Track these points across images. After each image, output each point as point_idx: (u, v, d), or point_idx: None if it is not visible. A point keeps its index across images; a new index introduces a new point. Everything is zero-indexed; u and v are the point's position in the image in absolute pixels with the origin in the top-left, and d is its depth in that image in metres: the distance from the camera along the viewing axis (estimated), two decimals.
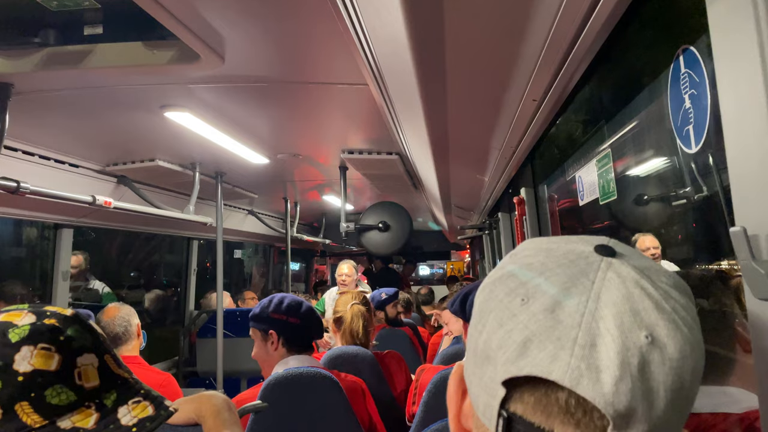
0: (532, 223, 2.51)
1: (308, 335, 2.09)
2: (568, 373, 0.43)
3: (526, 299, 0.47)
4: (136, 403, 0.87)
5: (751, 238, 0.68)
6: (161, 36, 1.71)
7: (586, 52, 1.15)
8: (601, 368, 0.43)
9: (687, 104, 0.92)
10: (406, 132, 2.27)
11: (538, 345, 0.45)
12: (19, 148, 2.56)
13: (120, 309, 2.79)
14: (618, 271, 0.48)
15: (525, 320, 0.46)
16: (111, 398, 0.85)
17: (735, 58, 0.72)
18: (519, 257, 0.53)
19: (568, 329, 0.44)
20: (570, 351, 0.43)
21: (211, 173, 3.67)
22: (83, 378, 0.83)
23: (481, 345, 0.49)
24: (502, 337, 0.47)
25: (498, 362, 0.46)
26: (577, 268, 0.49)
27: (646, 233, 1.50)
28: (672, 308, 0.47)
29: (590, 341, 0.44)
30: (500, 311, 0.48)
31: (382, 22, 1.19)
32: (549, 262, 0.50)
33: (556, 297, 0.46)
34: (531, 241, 0.56)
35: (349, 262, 5.15)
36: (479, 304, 0.52)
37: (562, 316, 0.45)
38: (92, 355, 0.86)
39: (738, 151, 0.72)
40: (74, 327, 0.86)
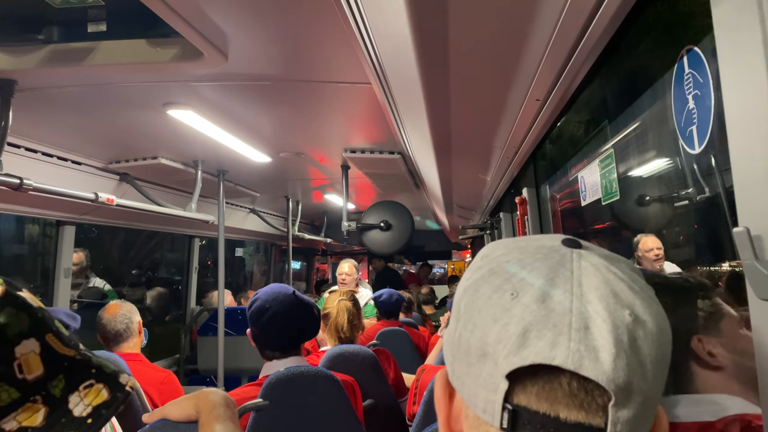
0: (533, 223, 2.51)
1: (275, 343, 1.98)
2: (569, 356, 0.45)
3: (515, 293, 0.49)
4: (88, 387, 0.77)
5: (755, 238, 0.68)
6: (164, 34, 1.70)
7: (589, 52, 1.15)
8: (598, 348, 0.45)
9: (691, 105, 0.92)
10: (409, 131, 2.27)
11: (537, 334, 0.46)
12: (23, 145, 2.57)
13: (121, 306, 2.80)
14: (589, 260, 0.52)
15: (519, 312, 0.48)
16: (59, 386, 0.75)
17: (739, 58, 0.72)
18: (493, 257, 0.55)
19: (561, 316, 0.47)
20: (567, 335, 0.46)
21: (213, 171, 3.68)
22: (25, 370, 0.72)
23: (474, 343, 0.50)
24: (499, 332, 0.48)
25: (498, 356, 0.47)
26: (553, 260, 0.52)
27: (648, 234, 1.50)
28: (641, 288, 0.52)
29: (583, 324, 0.46)
30: (492, 308, 0.49)
31: (385, 21, 1.19)
32: (525, 257, 0.53)
33: (543, 288, 0.49)
34: (496, 243, 0.59)
35: (350, 261, 5.14)
36: (465, 305, 0.52)
37: (553, 304, 0.48)
38: (32, 340, 0.74)
39: (742, 152, 0.72)
40: (7, 310, 0.73)
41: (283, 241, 5.94)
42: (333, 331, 2.65)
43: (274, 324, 1.95)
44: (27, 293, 0.77)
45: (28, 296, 0.77)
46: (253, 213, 5.48)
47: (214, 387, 3.71)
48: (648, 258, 1.51)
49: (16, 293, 0.76)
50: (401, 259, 11.55)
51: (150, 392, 2.54)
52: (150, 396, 2.53)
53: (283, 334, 1.97)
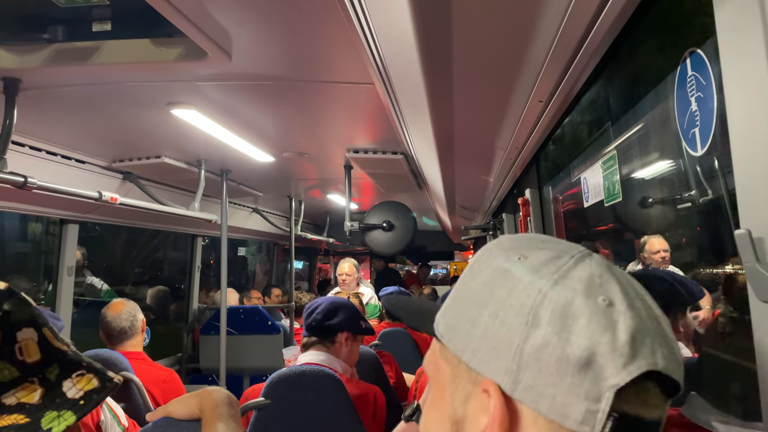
0: (536, 225, 2.51)
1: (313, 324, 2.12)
2: (666, 361, 0.47)
3: (608, 300, 0.49)
4: (80, 375, 0.84)
5: (756, 240, 0.68)
6: (169, 33, 1.71)
7: (592, 53, 1.15)
8: (675, 350, 0.49)
9: (693, 107, 0.93)
10: (412, 132, 2.27)
11: (641, 341, 0.47)
12: (27, 144, 2.58)
13: (126, 304, 2.82)
14: (613, 266, 0.54)
15: (621, 319, 0.48)
16: (54, 372, 0.83)
17: (742, 61, 0.72)
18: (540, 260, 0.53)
19: (646, 321, 0.49)
20: (659, 341, 0.48)
21: (216, 171, 3.68)
22: (25, 353, 0.81)
23: (577, 353, 0.47)
24: (612, 339, 0.47)
25: (614, 365, 0.46)
26: (601, 264, 0.53)
27: (655, 235, 1.50)
28: None
29: (660, 328, 0.50)
30: (594, 314, 0.48)
31: (389, 21, 1.20)
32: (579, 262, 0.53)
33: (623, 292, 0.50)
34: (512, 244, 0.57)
35: (351, 260, 5.13)
36: (553, 311, 0.49)
37: (638, 310, 0.49)
38: (31, 329, 0.83)
39: (744, 154, 0.73)
40: (11, 301, 0.83)
41: (286, 240, 5.94)
42: None
43: (317, 307, 2.14)
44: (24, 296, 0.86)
45: (27, 297, 0.86)
46: (256, 212, 5.49)
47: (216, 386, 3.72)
48: (654, 259, 1.50)
49: (17, 290, 0.85)
50: (403, 260, 11.55)
51: (152, 390, 2.55)
52: (152, 394, 2.54)
53: (311, 317, 2.12)
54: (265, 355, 4.26)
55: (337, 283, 5.17)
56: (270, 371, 2.12)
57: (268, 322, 4.34)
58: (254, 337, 4.31)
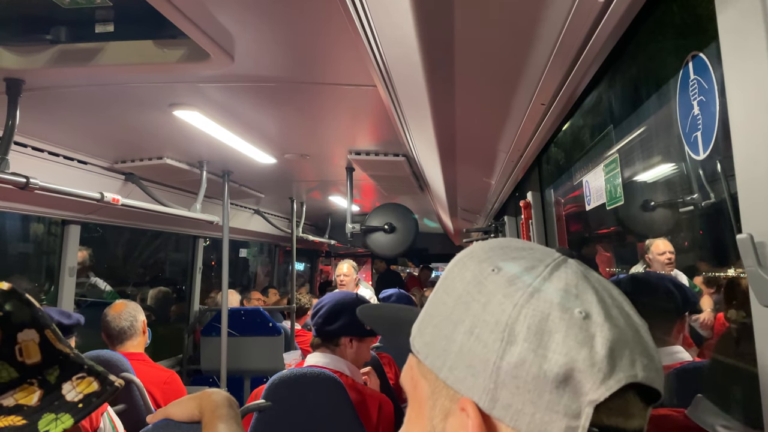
0: (538, 227, 2.51)
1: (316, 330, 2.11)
2: (645, 371, 0.47)
3: (584, 312, 0.48)
4: (80, 378, 0.84)
5: (758, 245, 0.68)
6: (172, 35, 1.72)
7: (595, 57, 1.15)
8: (654, 358, 0.48)
9: (695, 111, 0.92)
10: (414, 134, 2.27)
11: (619, 353, 0.47)
12: (29, 144, 2.58)
13: (126, 305, 2.82)
14: (590, 270, 0.54)
15: (598, 332, 0.47)
16: (54, 374, 0.83)
17: (744, 64, 0.72)
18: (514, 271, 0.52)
19: (625, 331, 0.48)
20: (637, 351, 0.47)
21: (218, 172, 3.69)
22: (24, 354, 0.81)
23: (555, 369, 0.46)
24: (589, 355, 0.46)
25: (593, 381, 0.45)
26: (577, 272, 0.52)
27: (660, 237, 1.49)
28: None
29: (639, 337, 0.49)
30: (570, 329, 0.47)
31: (391, 24, 1.20)
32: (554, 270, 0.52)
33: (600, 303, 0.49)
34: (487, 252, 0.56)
35: (349, 261, 5.11)
36: (529, 327, 0.48)
37: (614, 320, 0.48)
38: (33, 331, 0.83)
39: (746, 158, 0.73)
40: (12, 301, 0.83)
41: (287, 242, 5.95)
42: None
43: (318, 311, 2.10)
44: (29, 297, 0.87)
45: (30, 298, 0.86)
46: (258, 214, 5.50)
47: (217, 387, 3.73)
48: (660, 261, 1.50)
49: (21, 291, 0.85)
50: (405, 262, 11.55)
51: (153, 392, 2.55)
52: (153, 395, 2.54)
53: (322, 320, 2.08)
54: (265, 357, 4.26)
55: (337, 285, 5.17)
56: (271, 373, 2.12)
57: (269, 323, 4.34)
58: (255, 338, 4.31)
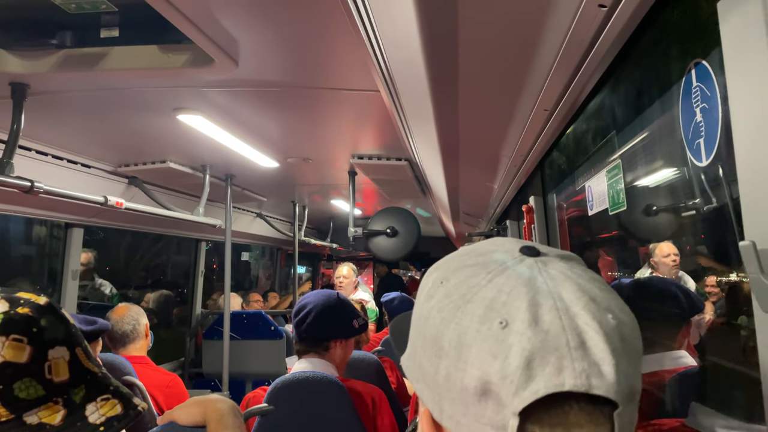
0: (540, 232, 2.51)
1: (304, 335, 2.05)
2: (577, 378, 0.43)
3: (504, 322, 0.46)
4: (105, 400, 0.84)
5: (761, 252, 0.68)
6: (176, 39, 1.72)
7: (598, 63, 1.15)
8: (599, 362, 0.44)
9: (698, 117, 0.93)
10: (417, 139, 2.28)
11: (541, 362, 0.44)
12: (33, 148, 2.59)
13: (129, 308, 2.83)
14: (554, 267, 0.51)
15: (516, 342, 0.45)
16: (80, 394, 0.82)
17: (747, 72, 0.72)
18: (456, 281, 0.52)
19: (557, 336, 0.45)
20: (570, 357, 0.44)
21: (221, 175, 3.69)
22: (53, 372, 0.81)
23: (471, 382, 0.46)
24: (501, 367, 0.45)
25: (506, 393, 0.45)
26: (524, 275, 0.50)
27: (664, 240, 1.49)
28: (602, 284, 0.51)
29: (579, 340, 0.45)
30: (485, 342, 0.46)
31: (395, 30, 1.20)
32: (495, 277, 0.50)
33: (530, 308, 0.47)
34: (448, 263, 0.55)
35: (349, 264, 5.08)
36: (450, 341, 0.48)
37: (546, 325, 0.46)
38: (64, 348, 0.83)
39: (748, 166, 0.73)
40: (48, 317, 0.83)
41: (289, 245, 5.95)
42: None
43: (306, 315, 2.04)
44: (66, 313, 0.88)
45: (66, 314, 0.87)
46: (260, 217, 5.50)
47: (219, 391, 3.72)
48: (665, 263, 1.49)
49: (58, 306, 0.86)
50: (407, 265, 11.55)
51: (155, 395, 2.55)
52: (155, 399, 2.54)
53: (311, 325, 2.04)
54: (267, 361, 4.26)
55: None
56: (273, 376, 2.12)
57: (271, 327, 4.34)
58: (257, 342, 4.31)
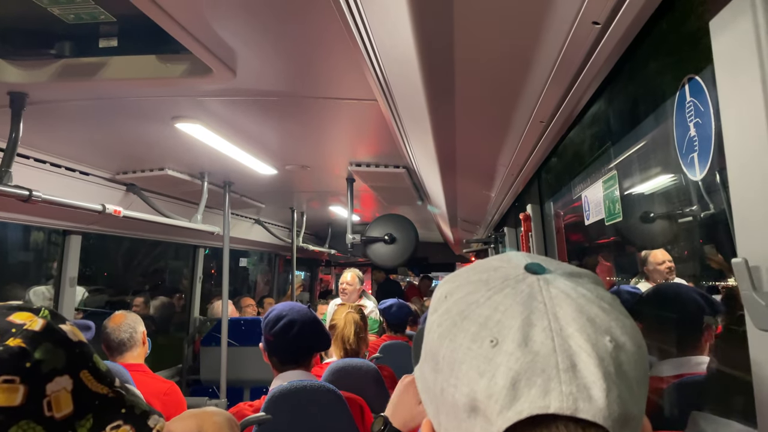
0: (537, 239, 2.52)
1: (288, 350, 2.04)
2: (563, 401, 0.43)
3: (494, 340, 0.47)
4: (115, 428, 0.74)
5: (753, 269, 0.69)
6: (174, 50, 1.73)
7: (593, 78, 1.16)
8: (589, 386, 0.44)
9: (692, 132, 0.94)
10: (414, 147, 2.29)
11: (527, 383, 0.44)
12: (32, 156, 2.60)
13: (126, 316, 2.82)
14: (557, 286, 0.50)
15: (504, 362, 0.45)
16: (86, 426, 0.72)
17: (739, 90, 0.73)
18: (459, 297, 0.52)
19: (547, 358, 0.45)
20: (558, 379, 0.44)
21: (219, 183, 3.70)
22: (54, 407, 0.70)
23: (461, 399, 0.47)
24: (488, 386, 0.45)
25: (491, 412, 0.45)
26: (523, 293, 0.50)
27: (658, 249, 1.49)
28: (609, 305, 0.50)
29: (570, 363, 0.45)
30: (474, 360, 0.47)
31: (392, 41, 1.21)
32: (494, 295, 0.50)
33: (522, 328, 0.46)
34: (456, 277, 0.56)
35: (355, 271, 4.97)
36: (444, 357, 0.49)
37: (536, 346, 0.45)
38: (65, 377, 0.72)
39: (741, 183, 0.74)
40: (44, 345, 0.72)
41: (288, 251, 5.95)
42: (339, 343, 2.69)
43: (289, 331, 2.02)
44: (69, 326, 0.75)
45: (69, 330, 0.75)
46: (258, 224, 5.50)
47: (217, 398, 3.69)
48: (660, 271, 1.49)
49: (57, 327, 0.74)
50: (405, 271, 11.55)
51: (153, 403, 2.54)
52: (153, 407, 2.54)
53: (296, 340, 2.03)
54: (265, 367, 4.24)
55: (338, 293, 5.11)
56: (270, 383, 2.11)
57: None
58: (255, 348, 4.29)
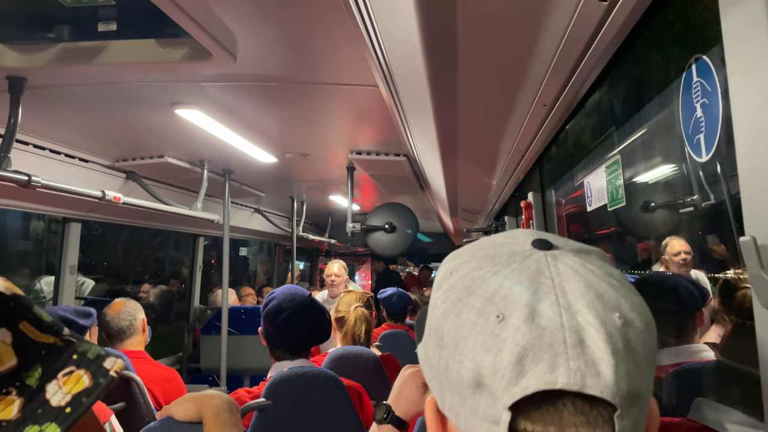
0: (539, 228, 2.51)
1: (289, 343, 2.03)
2: (571, 377, 0.43)
3: (501, 315, 0.46)
4: (68, 374, 0.70)
5: (761, 248, 0.68)
6: (174, 34, 1.72)
7: (598, 59, 1.15)
8: (597, 362, 0.43)
9: (698, 113, 0.93)
10: (415, 134, 2.27)
11: (534, 358, 0.44)
12: (31, 142, 2.59)
13: (126, 304, 2.82)
14: (565, 262, 0.50)
15: (511, 337, 0.45)
16: (35, 375, 0.68)
17: (748, 70, 0.72)
18: (465, 273, 0.52)
19: (554, 333, 0.44)
20: (565, 354, 0.43)
21: (219, 171, 3.69)
22: None
23: (466, 374, 0.46)
24: (494, 361, 0.45)
25: (496, 388, 0.44)
26: (530, 269, 0.49)
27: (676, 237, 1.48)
28: (618, 282, 0.50)
29: (578, 338, 0.44)
30: (479, 335, 0.46)
31: (395, 25, 1.20)
32: (500, 269, 0.50)
33: (529, 304, 0.46)
34: (461, 253, 0.55)
35: (339, 261, 4.94)
36: (448, 333, 0.49)
37: (543, 321, 0.45)
38: (2, 330, 0.68)
39: (749, 162, 0.73)
40: None
41: (288, 241, 5.94)
42: (349, 339, 2.65)
43: (289, 324, 2.00)
44: (2, 281, 0.71)
45: (1, 284, 0.70)
46: (258, 213, 5.50)
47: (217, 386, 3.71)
48: (675, 262, 1.48)
49: None
50: (404, 261, 11.57)
51: (153, 390, 2.55)
52: (153, 393, 2.54)
53: (297, 334, 2.03)
54: (265, 356, 4.25)
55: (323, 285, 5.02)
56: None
57: None
58: (255, 337, 4.30)
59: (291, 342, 2.03)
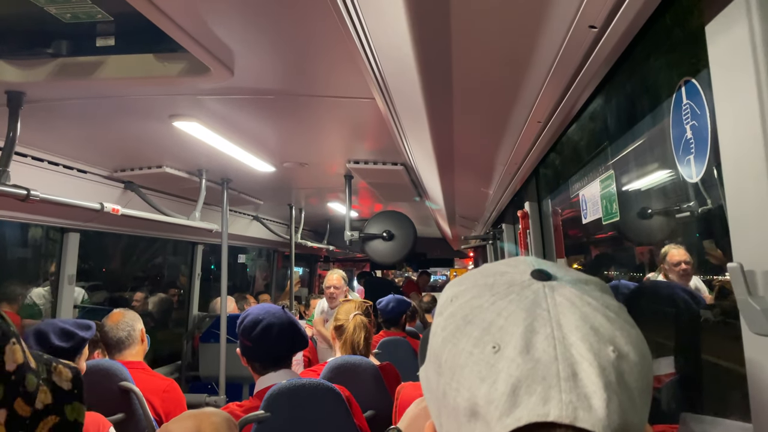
0: (535, 237, 2.52)
1: (269, 354, 2.04)
2: (563, 410, 0.43)
3: (497, 346, 0.47)
4: None
5: (748, 274, 0.69)
6: (172, 48, 1.73)
7: (590, 80, 1.16)
8: (589, 395, 0.44)
9: (688, 134, 0.94)
10: (412, 145, 2.29)
11: (527, 390, 0.44)
12: (29, 154, 2.59)
13: (124, 314, 2.82)
14: (562, 294, 0.50)
15: (506, 368, 0.46)
16: None
17: (734, 93, 0.73)
18: (464, 301, 0.53)
19: (548, 366, 0.45)
20: (558, 387, 0.44)
21: (217, 180, 3.70)
22: None
23: (462, 403, 0.47)
24: (488, 391, 0.46)
25: (491, 418, 0.45)
26: (528, 299, 0.50)
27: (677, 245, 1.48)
28: (615, 314, 0.50)
29: (571, 371, 0.45)
30: (475, 365, 0.47)
31: (389, 41, 1.21)
32: (498, 300, 0.51)
33: (525, 335, 0.47)
34: (463, 280, 0.56)
35: (339, 272, 4.75)
36: (446, 361, 0.50)
37: (538, 353, 0.46)
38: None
39: (736, 189, 0.74)
40: None
41: (286, 247, 5.95)
42: (348, 347, 2.65)
43: (267, 334, 2.02)
44: None
45: None
46: (257, 220, 5.51)
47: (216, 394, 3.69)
48: (674, 272, 1.48)
49: None
50: (402, 265, 11.57)
51: (152, 400, 2.56)
52: (152, 404, 2.55)
53: (276, 342, 2.04)
54: None
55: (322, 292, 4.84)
56: None
57: None
58: None
59: (271, 352, 2.05)
